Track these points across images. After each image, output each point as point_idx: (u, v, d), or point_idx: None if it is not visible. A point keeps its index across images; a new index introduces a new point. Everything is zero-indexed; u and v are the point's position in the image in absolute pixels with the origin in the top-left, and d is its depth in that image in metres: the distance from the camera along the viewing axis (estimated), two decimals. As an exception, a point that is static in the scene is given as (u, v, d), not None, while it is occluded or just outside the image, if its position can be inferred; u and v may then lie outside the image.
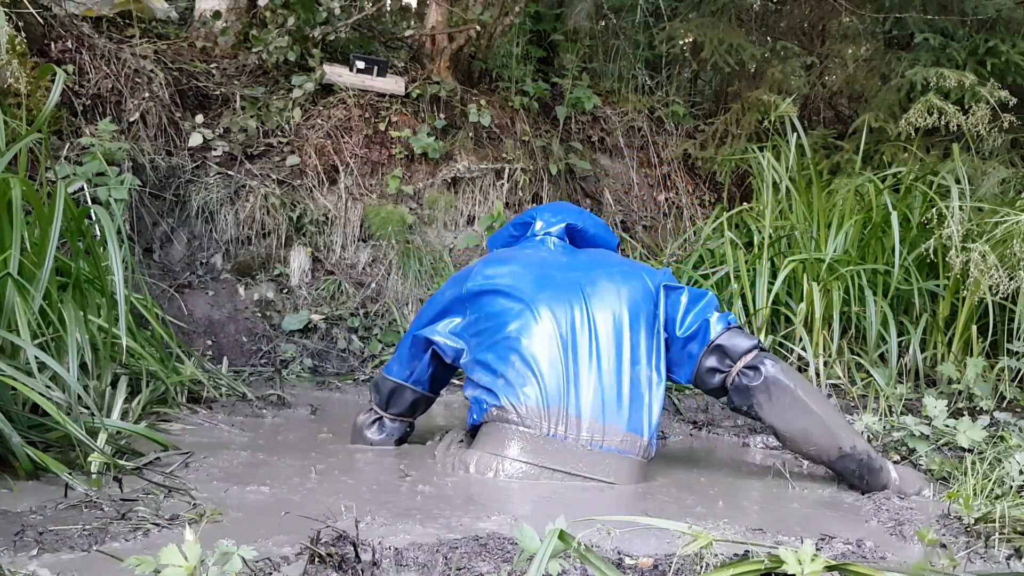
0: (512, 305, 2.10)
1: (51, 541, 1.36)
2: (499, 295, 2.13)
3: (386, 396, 2.29)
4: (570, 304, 2.09)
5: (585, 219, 2.45)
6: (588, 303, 2.10)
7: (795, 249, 3.47)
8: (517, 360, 2.03)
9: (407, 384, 2.28)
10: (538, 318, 2.07)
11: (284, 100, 4.01)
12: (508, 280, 2.15)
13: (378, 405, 2.32)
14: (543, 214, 2.43)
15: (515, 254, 2.29)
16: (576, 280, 2.14)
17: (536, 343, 2.04)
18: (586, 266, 2.21)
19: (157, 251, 3.61)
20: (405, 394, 2.28)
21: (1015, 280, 2.77)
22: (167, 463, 1.93)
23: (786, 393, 2.04)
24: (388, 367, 2.32)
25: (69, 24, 3.70)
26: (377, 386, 2.32)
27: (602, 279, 2.15)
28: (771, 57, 4.59)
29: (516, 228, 2.47)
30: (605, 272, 2.18)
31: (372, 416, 2.33)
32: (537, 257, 2.26)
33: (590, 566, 1.19)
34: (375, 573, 1.27)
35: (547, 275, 2.16)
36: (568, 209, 2.47)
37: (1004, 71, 4.11)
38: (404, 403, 2.29)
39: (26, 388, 1.73)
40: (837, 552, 1.48)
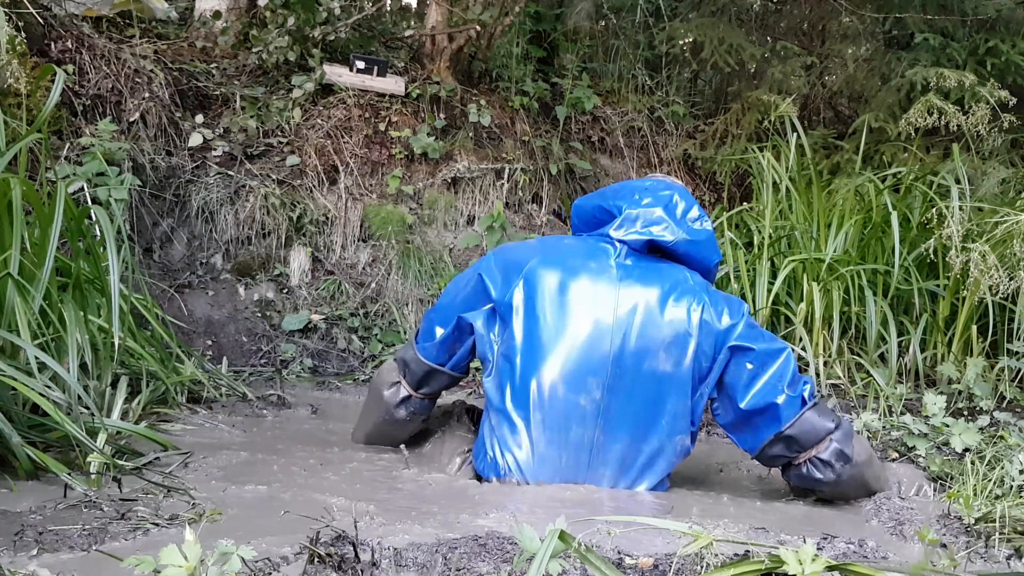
0: (522, 358, 1.90)
1: (51, 541, 1.36)
2: (522, 333, 1.91)
3: (419, 377, 2.12)
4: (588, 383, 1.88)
5: (683, 232, 1.99)
6: (613, 386, 1.88)
7: (795, 249, 3.47)
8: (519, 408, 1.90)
9: (444, 369, 2.10)
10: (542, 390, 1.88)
11: (284, 100, 4.01)
12: (536, 313, 1.91)
13: (409, 384, 2.13)
14: (634, 213, 1.99)
15: (565, 273, 1.94)
16: (607, 363, 1.88)
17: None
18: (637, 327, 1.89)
19: (157, 251, 3.61)
20: (441, 378, 2.12)
21: (1015, 280, 2.77)
22: (167, 463, 1.93)
23: (852, 482, 1.95)
24: (424, 348, 2.09)
25: (69, 24, 3.70)
26: (408, 365, 2.12)
27: (647, 335, 1.88)
28: (771, 57, 4.59)
29: (601, 211, 2.07)
30: (654, 326, 1.89)
31: (401, 394, 2.14)
32: (592, 284, 1.93)
33: (590, 566, 1.19)
34: (374, 573, 1.26)
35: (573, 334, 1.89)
36: (668, 215, 1.99)
37: (1004, 71, 4.11)
38: (439, 385, 2.14)
39: (26, 388, 1.73)
40: (839, 552, 1.48)
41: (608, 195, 2.08)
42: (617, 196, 2.05)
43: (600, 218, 2.07)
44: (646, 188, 2.05)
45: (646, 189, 2.04)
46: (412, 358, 2.12)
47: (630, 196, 2.03)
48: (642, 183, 2.09)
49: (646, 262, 1.99)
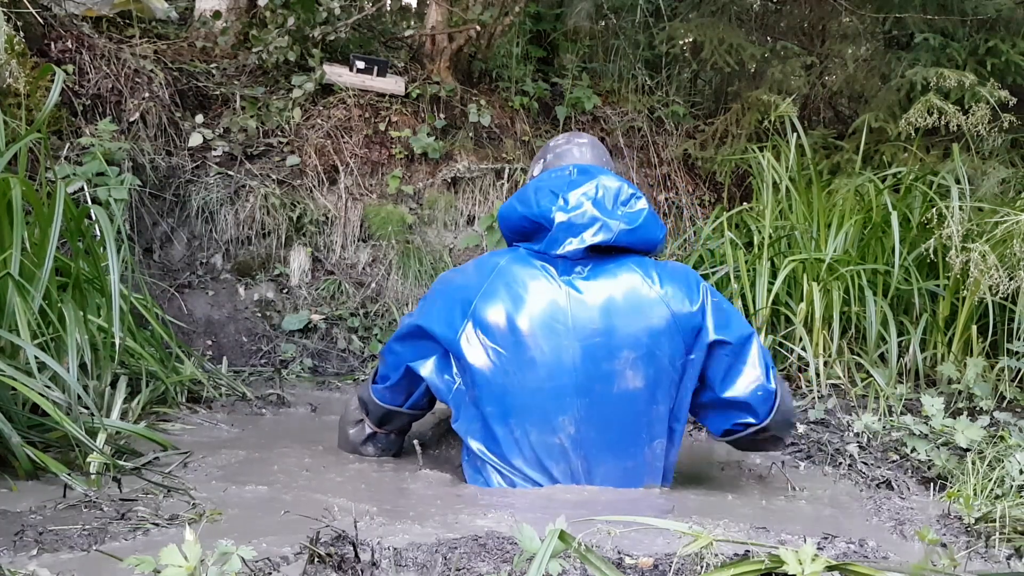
0: (490, 412, 1.82)
1: (51, 541, 1.36)
2: (482, 376, 1.82)
3: (379, 417, 2.09)
4: (564, 414, 1.81)
5: (624, 222, 1.86)
6: (586, 417, 1.81)
7: (795, 249, 3.47)
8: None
9: (402, 410, 2.04)
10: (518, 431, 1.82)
11: (284, 100, 4.01)
12: (497, 372, 1.81)
13: (372, 422, 2.12)
14: (567, 220, 1.83)
15: (513, 308, 1.82)
16: (574, 398, 1.80)
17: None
18: (594, 351, 1.81)
19: (157, 251, 3.61)
20: (401, 417, 2.07)
21: (1015, 280, 2.77)
22: (166, 463, 1.93)
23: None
24: (377, 391, 2.03)
25: (69, 24, 3.70)
26: (366, 405, 2.08)
27: (616, 359, 1.81)
28: (771, 57, 4.59)
29: (528, 223, 1.90)
30: (617, 347, 1.81)
31: (366, 431, 2.14)
32: (547, 309, 1.82)
33: (590, 566, 1.19)
34: (374, 573, 1.26)
35: (533, 375, 1.79)
36: (605, 210, 1.86)
37: (1004, 71, 4.11)
38: (400, 423, 2.10)
39: (26, 388, 1.73)
40: (839, 551, 1.47)
41: (531, 201, 1.89)
42: (540, 201, 1.87)
43: (529, 228, 1.91)
44: (569, 182, 1.88)
45: (569, 184, 1.88)
46: (369, 399, 2.06)
47: (554, 199, 1.86)
48: (562, 174, 1.92)
49: (592, 270, 1.87)
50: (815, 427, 2.67)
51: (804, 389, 3.11)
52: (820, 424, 2.71)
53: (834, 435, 2.56)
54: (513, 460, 1.84)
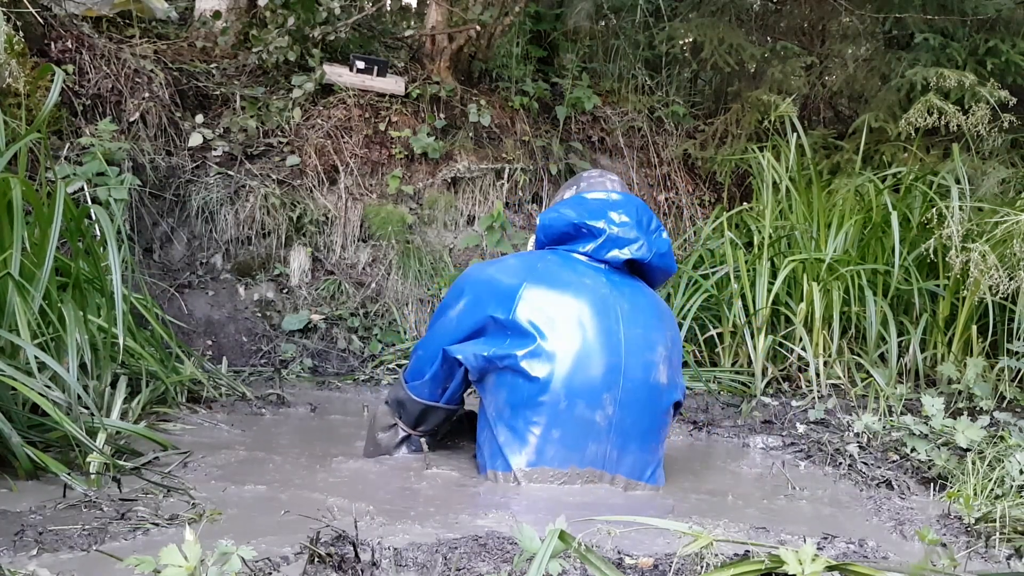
0: (540, 382, 1.86)
1: (51, 541, 1.36)
2: (536, 361, 1.86)
3: (415, 417, 2.08)
4: (604, 407, 1.88)
5: (655, 247, 2.04)
6: (623, 400, 1.89)
7: (795, 249, 3.47)
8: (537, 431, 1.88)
9: (440, 405, 2.06)
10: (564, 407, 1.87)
11: (284, 100, 4.01)
12: (550, 344, 1.86)
13: (406, 424, 2.11)
14: (615, 232, 1.99)
15: (564, 291, 1.92)
16: (619, 379, 1.89)
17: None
18: (634, 331, 1.92)
19: (157, 251, 3.61)
20: (438, 413, 2.08)
21: (1015, 280, 2.77)
22: (166, 463, 1.93)
23: None
24: (415, 387, 2.05)
25: (69, 24, 3.70)
26: (403, 405, 2.09)
27: (642, 364, 1.92)
28: (771, 57, 4.59)
29: (575, 230, 2.03)
30: (648, 350, 1.93)
31: (399, 435, 2.13)
32: (594, 301, 1.92)
33: (590, 566, 1.19)
34: (374, 573, 1.26)
35: (600, 344, 1.88)
36: (643, 232, 2.03)
37: (1004, 71, 4.11)
38: (436, 420, 2.10)
39: (26, 388, 1.73)
40: (839, 551, 1.48)
41: (580, 210, 2.03)
42: (589, 214, 2.02)
43: (572, 235, 2.05)
44: (614, 203, 2.04)
45: (614, 205, 2.03)
46: (406, 398, 2.08)
47: (602, 214, 2.01)
48: (607, 197, 2.06)
49: (627, 280, 2.03)
50: (815, 427, 2.67)
51: (804, 389, 3.11)
52: (820, 424, 2.71)
53: (834, 435, 2.56)
54: (552, 431, 1.86)
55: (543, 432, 1.86)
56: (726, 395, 3.15)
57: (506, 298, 1.91)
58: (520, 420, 1.87)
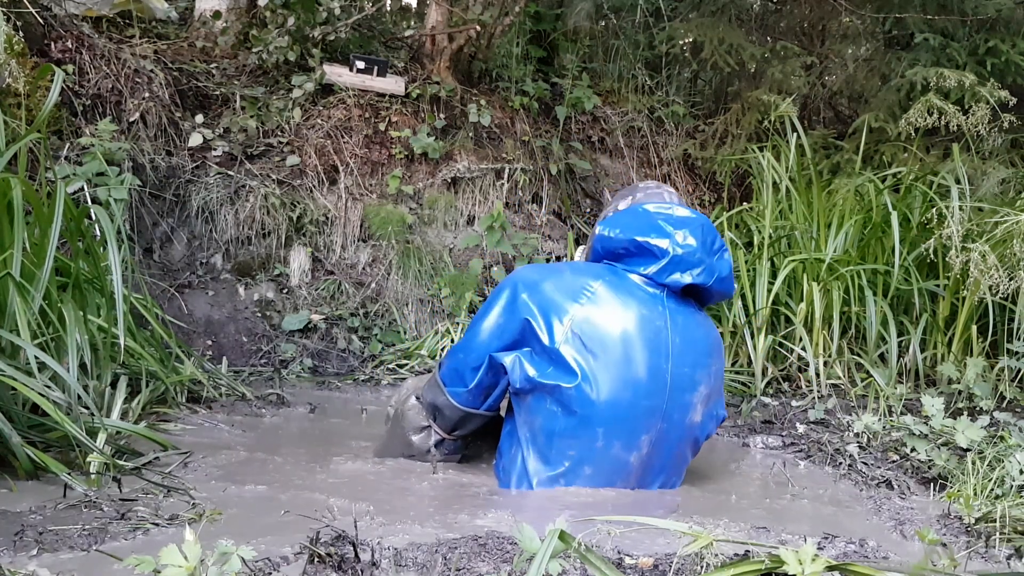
0: (580, 417, 1.80)
1: (51, 541, 1.36)
2: (572, 382, 1.80)
3: (454, 422, 2.01)
4: (650, 430, 1.85)
5: (717, 271, 1.93)
6: (657, 440, 1.86)
7: (795, 249, 3.47)
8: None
9: (480, 412, 1.98)
10: (601, 442, 1.83)
11: (284, 100, 4.01)
12: (594, 381, 1.79)
13: (442, 428, 2.03)
14: (678, 254, 1.87)
15: (617, 322, 1.82)
16: (659, 420, 1.85)
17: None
18: (682, 360, 1.86)
19: (157, 251, 3.61)
20: (476, 419, 2.00)
21: (1015, 280, 2.77)
22: (166, 463, 1.93)
23: None
24: (456, 393, 1.95)
25: (69, 24, 3.70)
26: (440, 410, 2.00)
27: (686, 394, 1.87)
28: (771, 57, 4.59)
29: (636, 248, 1.90)
30: (693, 382, 1.88)
31: (434, 437, 2.04)
32: (648, 328, 1.84)
33: (590, 566, 1.19)
34: (374, 573, 1.26)
35: (650, 372, 1.82)
36: (706, 253, 1.91)
37: (1004, 71, 4.11)
38: (474, 426, 2.02)
39: (26, 388, 1.73)
40: (839, 551, 1.48)
41: (642, 227, 1.91)
42: (652, 231, 1.89)
43: (632, 253, 1.92)
44: (679, 221, 1.91)
45: (679, 223, 1.91)
46: (445, 404, 1.98)
47: (667, 233, 1.89)
48: (672, 212, 1.93)
49: (682, 307, 1.93)
50: (815, 427, 2.67)
51: (804, 389, 3.11)
52: (820, 424, 2.71)
53: (834, 435, 2.56)
54: (584, 467, 1.83)
55: (573, 466, 1.84)
56: (726, 395, 3.15)
57: (554, 318, 1.83)
58: (553, 451, 1.84)
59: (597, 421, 1.80)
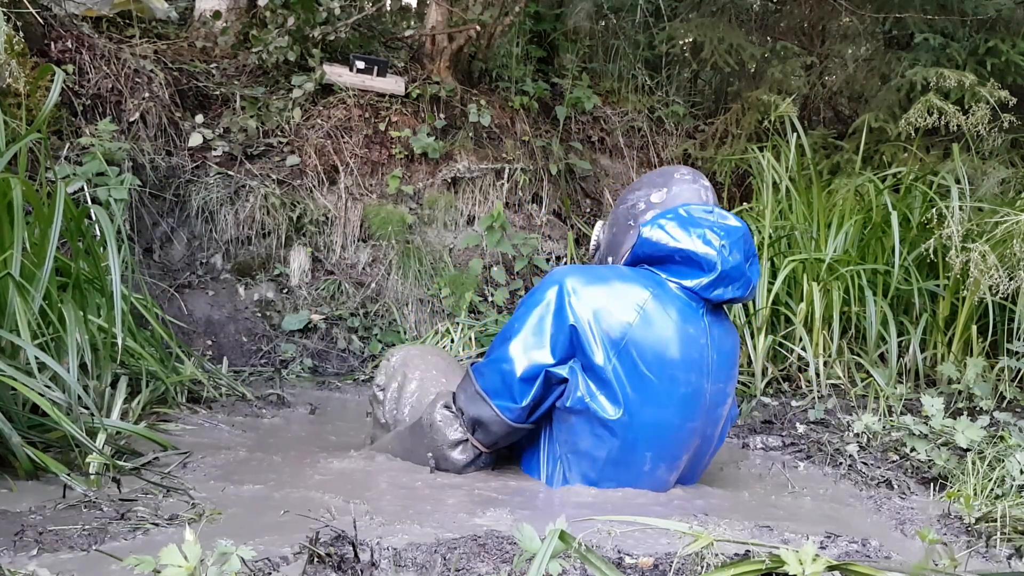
0: (626, 444, 1.79)
1: (50, 541, 1.35)
2: (608, 399, 1.76)
3: (499, 438, 1.87)
4: (689, 441, 1.86)
5: (752, 281, 1.89)
6: (698, 434, 1.87)
7: (795, 249, 3.47)
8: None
9: (525, 426, 1.85)
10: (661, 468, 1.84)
11: (284, 100, 4.01)
12: (644, 406, 1.76)
13: (483, 443, 1.89)
14: (723, 269, 1.80)
15: (668, 344, 1.77)
16: (695, 437, 1.86)
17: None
18: (717, 373, 1.85)
19: (157, 251, 3.61)
20: (519, 433, 1.88)
21: (1015, 280, 2.77)
22: (166, 463, 1.93)
23: None
24: (507, 408, 1.80)
25: (69, 24, 3.70)
26: (485, 425, 1.85)
27: (718, 401, 1.88)
28: (771, 57, 4.59)
29: (682, 258, 1.81)
30: (725, 385, 1.89)
31: (471, 453, 1.90)
32: (691, 345, 1.80)
33: (590, 566, 1.19)
34: (374, 573, 1.26)
35: (692, 392, 1.80)
36: (744, 263, 1.85)
37: (1004, 71, 4.11)
38: (515, 439, 1.91)
39: (26, 388, 1.73)
40: (841, 551, 1.47)
41: (687, 235, 1.81)
42: (703, 241, 1.81)
43: (676, 262, 1.83)
44: (724, 231, 1.83)
45: (725, 233, 1.83)
46: (492, 419, 1.83)
47: (713, 244, 1.80)
48: (715, 220, 1.84)
49: (718, 321, 1.89)
50: (815, 427, 2.67)
51: (804, 389, 3.11)
52: (820, 424, 2.71)
53: (834, 435, 2.55)
54: (626, 487, 1.85)
55: (618, 487, 1.85)
56: (726, 395, 3.15)
57: (606, 334, 1.74)
58: (599, 475, 1.84)
59: (644, 446, 1.79)
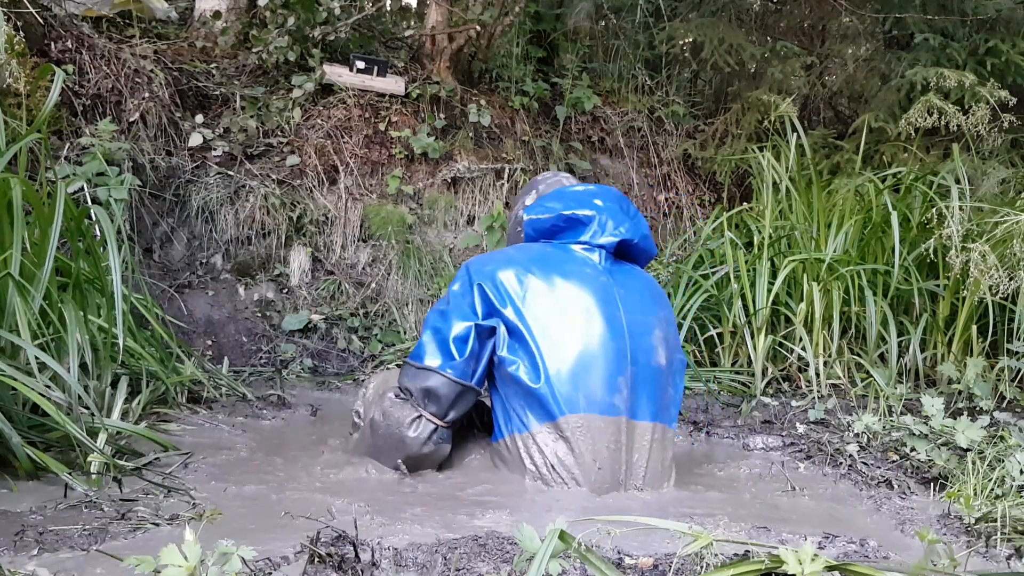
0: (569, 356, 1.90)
1: (51, 541, 1.36)
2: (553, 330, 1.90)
3: (451, 402, 1.93)
4: (623, 361, 1.93)
5: (639, 229, 2.11)
6: (637, 358, 1.95)
7: (795, 249, 3.47)
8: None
9: (472, 385, 1.94)
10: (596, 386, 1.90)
11: (284, 100, 4.01)
12: (560, 313, 1.92)
13: (437, 415, 1.93)
14: (603, 218, 2.06)
15: (561, 267, 1.99)
16: (623, 331, 1.95)
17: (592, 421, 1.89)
18: (632, 306, 1.99)
19: (157, 251, 3.61)
20: (469, 396, 1.95)
21: (1015, 280, 2.77)
22: (167, 463, 1.93)
23: None
24: (452, 366, 1.91)
25: (69, 24, 3.69)
26: (433, 393, 1.92)
27: (647, 329, 1.99)
28: (771, 57, 4.59)
29: (565, 221, 2.07)
30: (650, 317, 2.01)
31: (427, 428, 1.93)
32: (591, 283, 1.98)
33: (590, 566, 1.19)
34: (374, 573, 1.26)
35: (603, 316, 1.94)
36: (625, 215, 2.10)
37: (1004, 71, 4.11)
38: (466, 406, 1.97)
39: (26, 388, 1.73)
40: (841, 551, 1.48)
41: (565, 203, 2.09)
42: (576, 203, 2.09)
43: (562, 227, 2.08)
44: (594, 192, 2.13)
45: (595, 193, 2.13)
46: (440, 383, 1.92)
47: (590, 202, 2.08)
48: (586, 188, 2.16)
49: (619, 265, 2.10)
50: (815, 427, 2.67)
51: (804, 389, 3.11)
52: (820, 424, 2.71)
53: (834, 435, 2.56)
54: (572, 435, 1.88)
55: (568, 412, 1.89)
56: (726, 395, 3.15)
57: (513, 293, 1.94)
58: (542, 406, 1.89)
59: (572, 375, 1.89)
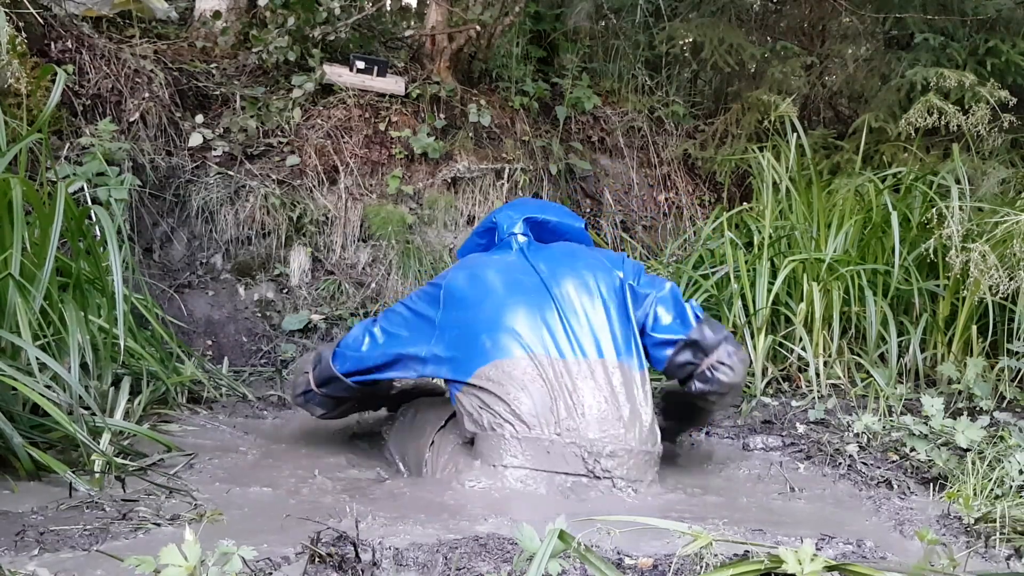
0: (482, 318, 2.07)
1: (51, 541, 1.36)
2: (467, 308, 2.10)
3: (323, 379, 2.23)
4: (541, 310, 2.08)
5: (545, 209, 2.41)
6: (559, 305, 2.08)
7: (795, 249, 3.47)
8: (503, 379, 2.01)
9: (340, 376, 2.20)
10: (509, 332, 2.05)
11: (284, 100, 4.01)
12: (473, 291, 2.13)
13: (315, 381, 2.23)
14: (502, 214, 2.37)
15: (476, 262, 2.27)
16: (541, 283, 2.14)
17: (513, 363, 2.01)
18: (550, 265, 2.20)
19: (157, 251, 3.61)
20: (339, 384, 2.23)
21: (1015, 280, 2.77)
22: (169, 464, 1.93)
23: (740, 384, 2.23)
24: (341, 354, 2.20)
25: (69, 24, 3.70)
26: (317, 362, 2.24)
27: (568, 277, 2.15)
28: (771, 57, 4.59)
29: (481, 236, 2.42)
30: (570, 269, 2.18)
31: (303, 384, 2.26)
32: (503, 263, 2.22)
33: (590, 566, 1.20)
34: (375, 573, 1.27)
35: (514, 281, 2.15)
36: (525, 203, 2.46)
37: (1004, 71, 4.11)
38: (338, 392, 2.23)
39: (27, 388, 1.73)
40: (838, 552, 1.48)
41: (477, 227, 2.44)
42: (485, 222, 2.41)
43: (483, 240, 2.40)
44: (502, 206, 2.44)
45: (502, 207, 2.43)
46: (327, 363, 2.23)
47: (494, 213, 2.39)
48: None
49: (545, 245, 2.31)
50: (815, 427, 2.68)
51: (804, 389, 3.11)
52: (820, 424, 2.71)
53: (834, 435, 2.56)
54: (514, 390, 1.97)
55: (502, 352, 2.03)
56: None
57: (434, 298, 2.17)
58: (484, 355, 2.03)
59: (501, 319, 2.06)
